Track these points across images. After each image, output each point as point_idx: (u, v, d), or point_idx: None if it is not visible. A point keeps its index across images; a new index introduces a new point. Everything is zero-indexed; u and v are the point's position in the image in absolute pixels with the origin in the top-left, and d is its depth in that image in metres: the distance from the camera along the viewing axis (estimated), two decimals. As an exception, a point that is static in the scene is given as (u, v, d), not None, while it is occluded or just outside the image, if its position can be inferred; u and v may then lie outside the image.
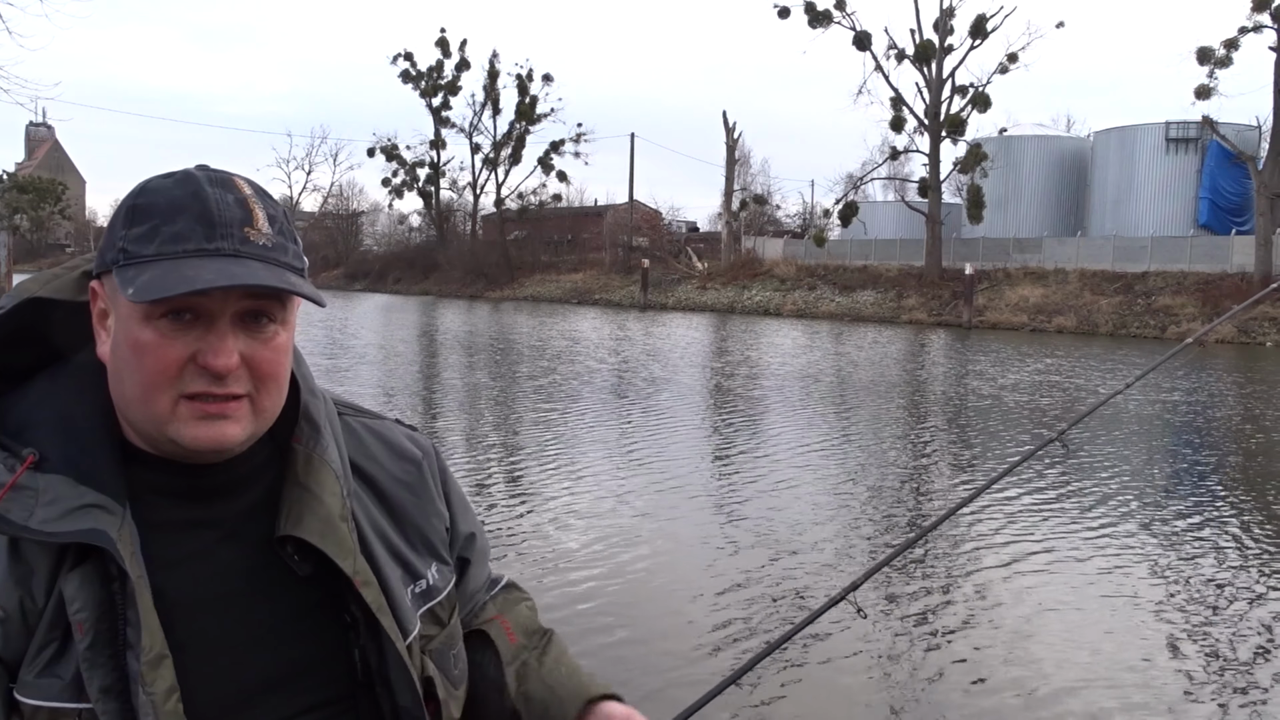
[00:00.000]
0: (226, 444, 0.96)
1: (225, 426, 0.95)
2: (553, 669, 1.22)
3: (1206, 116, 35.51)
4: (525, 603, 1.32)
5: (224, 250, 0.93)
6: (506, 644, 1.23)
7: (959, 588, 6.08)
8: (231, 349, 0.94)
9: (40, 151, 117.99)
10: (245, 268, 0.93)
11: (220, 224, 0.93)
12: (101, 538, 0.90)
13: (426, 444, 1.22)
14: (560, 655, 1.25)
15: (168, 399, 0.93)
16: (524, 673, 1.22)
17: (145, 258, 0.92)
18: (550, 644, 1.27)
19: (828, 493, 8.54)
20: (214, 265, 0.91)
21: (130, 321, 0.93)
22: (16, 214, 70.46)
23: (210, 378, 0.93)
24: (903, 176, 49.60)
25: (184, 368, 0.93)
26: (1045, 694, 4.55)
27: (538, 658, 1.24)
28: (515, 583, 1.36)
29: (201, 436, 0.94)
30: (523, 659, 1.23)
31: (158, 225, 0.93)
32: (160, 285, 0.89)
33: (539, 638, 1.27)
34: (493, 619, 1.25)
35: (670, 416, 12.76)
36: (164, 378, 0.93)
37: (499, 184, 62.05)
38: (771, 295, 42.62)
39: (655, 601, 5.69)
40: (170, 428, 0.94)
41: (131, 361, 0.93)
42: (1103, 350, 25.16)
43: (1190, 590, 6.05)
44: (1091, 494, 8.59)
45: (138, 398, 0.94)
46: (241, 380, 0.95)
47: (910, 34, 41.65)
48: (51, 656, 0.91)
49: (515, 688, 1.20)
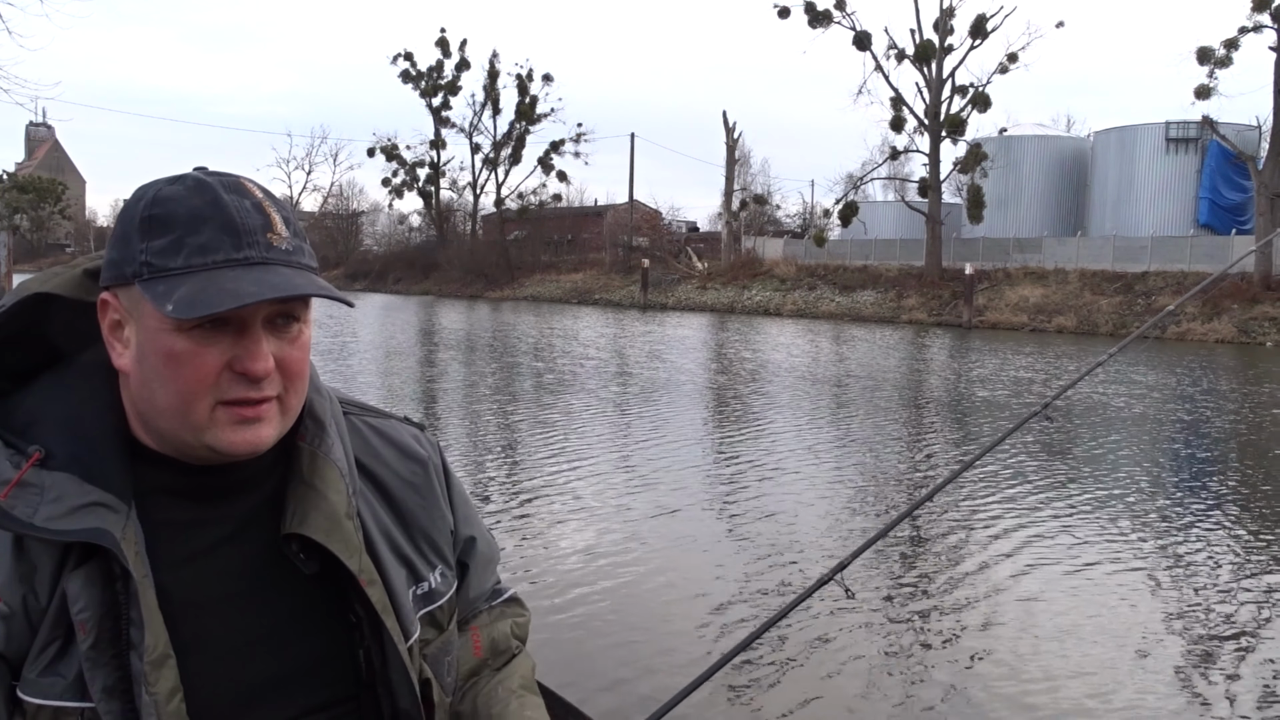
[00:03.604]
0: (262, 446, 0.97)
1: (260, 429, 0.96)
2: (491, 690, 1.20)
3: (1206, 116, 35.50)
4: (515, 619, 1.30)
5: (252, 259, 0.93)
6: (469, 655, 1.23)
7: (949, 571, 6.10)
8: (268, 353, 0.95)
9: (40, 151, 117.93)
10: (279, 275, 0.93)
11: (245, 232, 0.94)
12: (105, 537, 0.91)
13: (432, 444, 1.22)
14: (507, 678, 1.22)
15: (205, 406, 0.94)
16: (471, 689, 1.21)
17: (174, 271, 0.91)
18: (507, 665, 1.25)
19: (825, 488, 8.53)
20: (250, 276, 0.92)
21: (160, 334, 0.92)
22: (16, 214, 70.45)
23: (247, 383, 0.94)
24: (903, 176, 49.61)
25: (220, 375, 0.93)
26: (1034, 675, 4.57)
27: (488, 678, 1.22)
28: (519, 598, 1.35)
29: (239, 441, 0.95)
30: (478, 675, 1.23)
31: (181, 237, 0.92)
32: (205, 301, 0.89)
33: (505, 658, 1.26)
34: (469, 629, 1.25)
35: (669, 415, 12.75)
36: (202, 386, 0.93)
37: (499, 184, 62.05)
38: (771, 295, 42.59)
39: (651, 593, 5.69)
40: (208, 434, 0.95)
41: (165, 372, 0.93)
42: (1105, 348, 25.11)
43: (1184, 576, 6.06)
44: (1085, 483, 8.61)
45: (173, 407, 0.94)
46: (274, 382, 0.96)
47: (910, 34, 41.66)
48: (54, 655, 0.91)
49: (457, 699, 1.19)
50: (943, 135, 41.03)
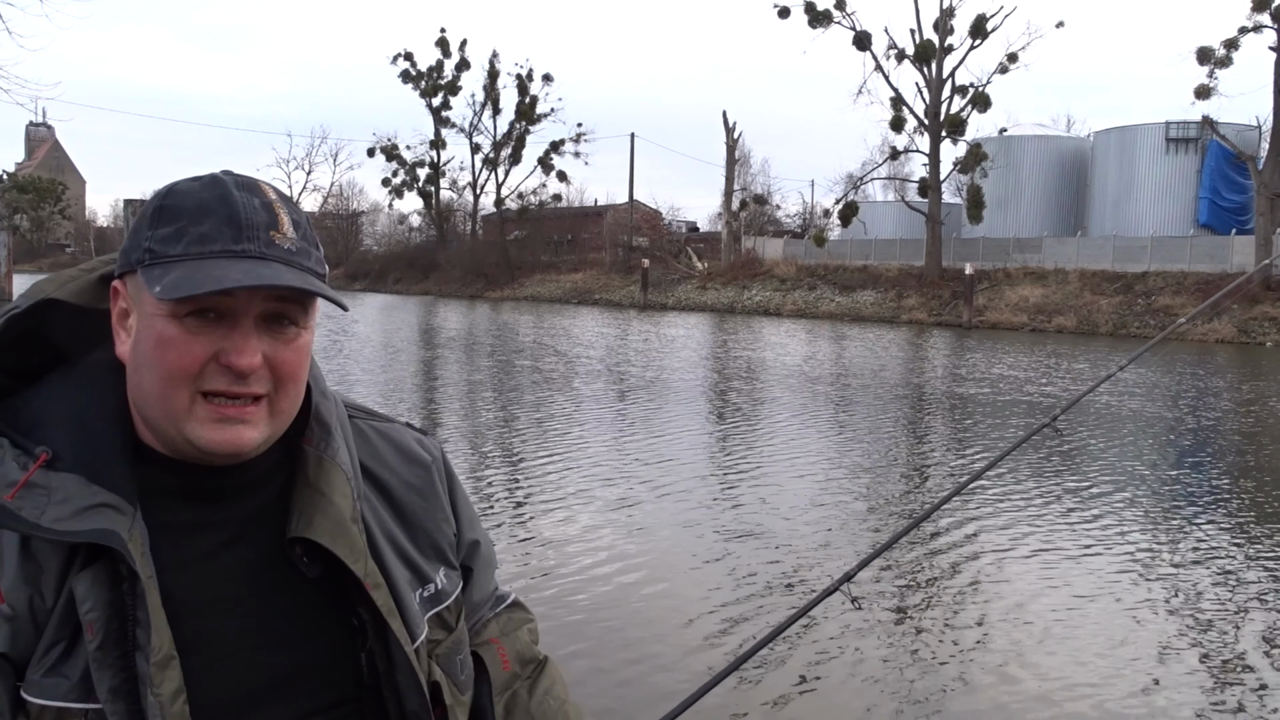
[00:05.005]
0: (242, 447, 0.97)
1: (242, 430, 0.96)
2: (541, 701, 1.22)
3: (1206, 116, 35.53)
4: (527, 625, 1.32)
5: (250, 252, 0.94)
6: (500, 671, 1.23)
7: (954, 581, 6.08)
8: (255, 349, 0.95)
9: (40, 151, 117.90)
10: (271, 269, 0.94)
11: (247, 226, 0.95)
12: (113, 538, 0.91)
13: (436, 449, 1.22)
14: (550, 687, 1.25)
15: (186, 395, 0.94)
16: (513, 704, 1.22)
17: (172, 257, 0.93)
18: (543, 674, 1.27)
19: (828, 492, 8.53)
20: (241, 266, 0.93)
21: (154, 319, 0.94)
22: (16, 214, 70.38)
23: (232, 376, 0.94)
24: (903, 176, 49.64)
25: (206, 365, 0.94)
26: (1039, 687, 4.55)
27: (528, 688, 1.24)
28: (521, 602, 1.36)
29: (218, 439, 0.95)
30: (513, 689, 1.23)
31: (185, 226, 0.94)
32: (188, 283, 0.90)
33: (533, 667, 1.27)
34: (489, 642, 1.25)
35: (669, 415, 12.76)
36: (185, 374, 0.93)
37: (499, 184, 62.10)
38: (771, 295, 42.61)
39: (656, 600, 5.69)
40: (187, 427, 0.95)
41: (153, 357, 0.94)
42: (1104, 349, 25.16)
43: (1190, 584, 6.05)
44: (1090, 490, 8.60)
45: (157, 393, 0.95)
46: (262, 381, 0.96)
47: (910, 34, 41.71)
48: (59, 656, 0.91)
49: (503, 718, 1.20)
50: (943, 135, 41.06)
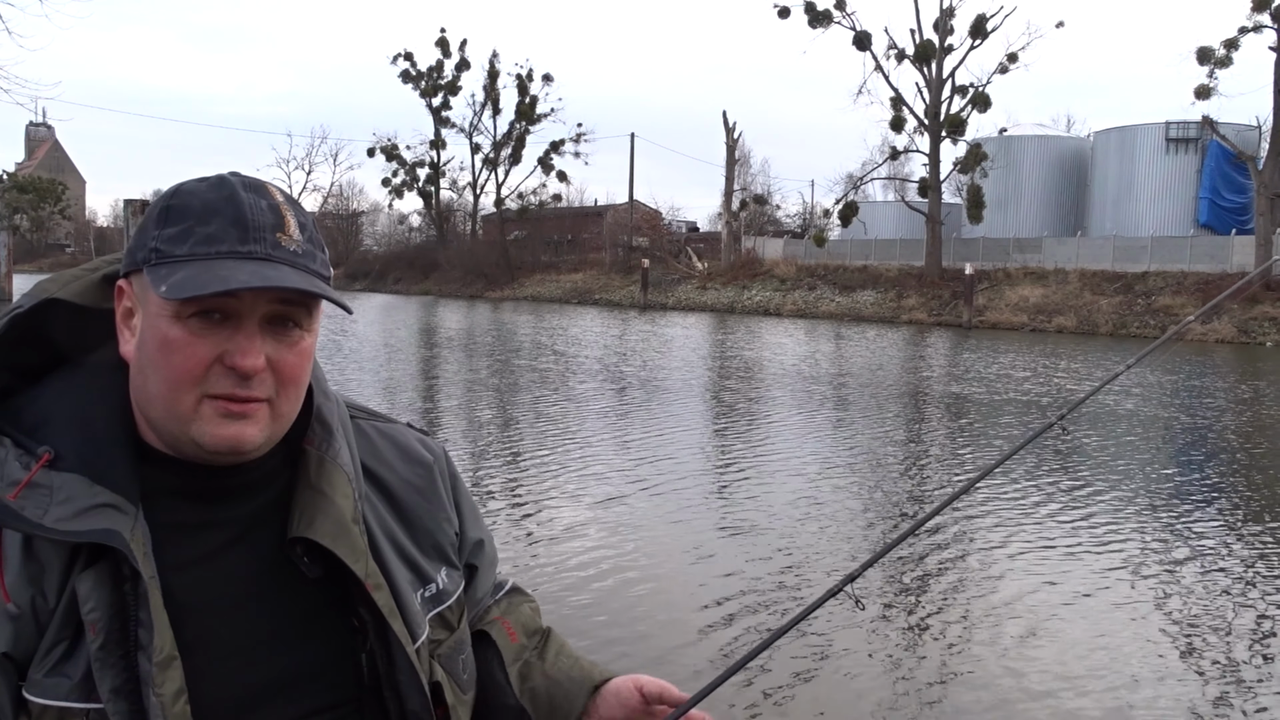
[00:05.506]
0: (245, 445, 0.97)
1: (245, 427, 0.96)
2: (554, 662, 1.25)
3: (1206, 116, 35.52)
4: (528, 604, 1.34)
5: (256, 254, 0.94)
6: (508, 644, 1.25)
7: (959, 582, 6.08)
8: (259, 351, 0.95)
9: (40, 151, 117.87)
10: (277, 271, 0.94)
11: (253, 228, 0.95)
12: (115, 538, 0.91)
13: (437, 448, 1.22)
14: (561, 648, 1.28)
15: (191, 398, 0.94)
16: (527, 670, 1.24)
17: (178, 257, 0.93)
18: (550, 640, 1.30)
19: (828, 492, 8.53)
20: (247, 267, 0.92)
21: (159, 319, 0.93)
22: (16, 214, 70.40)
23: (236, 378, 0.94)
24: (903, 176, 49.62)
25: (210, 367, 0.94)
26: (1042, 686, 4.56)
27: (538, 655, 1.26)
28: (520, 587, 1.37)
29: (221, 436, 0.95)
30: (525, 658, 1.25)
31: (191, 226, 0.94)
32: (194, 284, 0.90)
33: (539, 637, 1.30)
34: (494, 619, 1.27)
35: (669, 417, 12.75)
36: (190, 376, 0.93)
37: (499, 184, 62.06)
38: (771, 295, 42.61)
39: (654, 599, 5.69)
40: (193, 427, 0.95)
41: (158, 358, 0.94)
42: (1105, 349, 25.16)
43: (1193, 585, 6.05)
44: (1093, 491, 8.60)
45: (162, 395, 0.95)
46: (265, 383, 0.96)
47: (910, 34, 41.70)
48: (61, 656, 0.91)
49: (520, 686, 1.22)
50: (943, 135, 41.05)
